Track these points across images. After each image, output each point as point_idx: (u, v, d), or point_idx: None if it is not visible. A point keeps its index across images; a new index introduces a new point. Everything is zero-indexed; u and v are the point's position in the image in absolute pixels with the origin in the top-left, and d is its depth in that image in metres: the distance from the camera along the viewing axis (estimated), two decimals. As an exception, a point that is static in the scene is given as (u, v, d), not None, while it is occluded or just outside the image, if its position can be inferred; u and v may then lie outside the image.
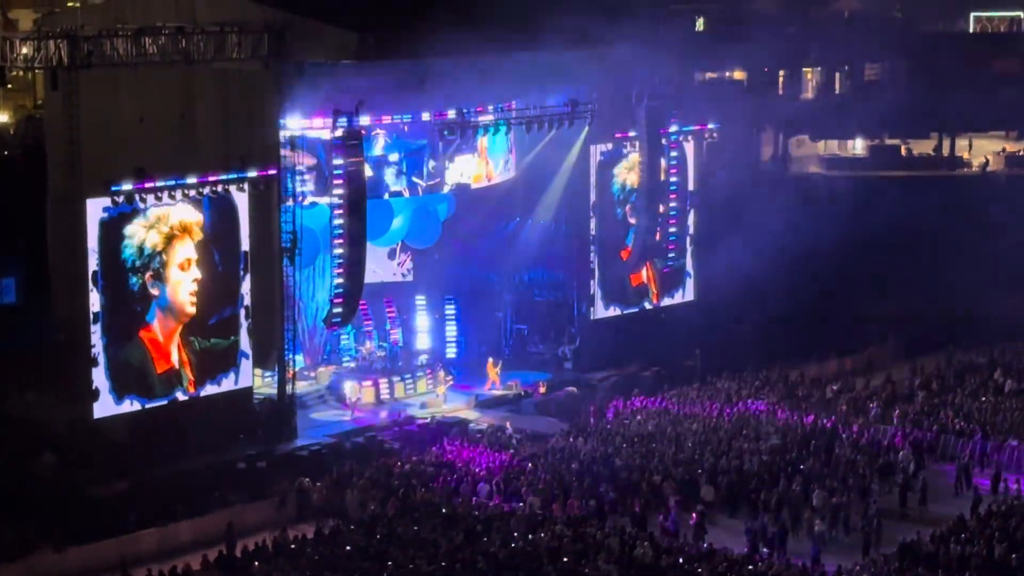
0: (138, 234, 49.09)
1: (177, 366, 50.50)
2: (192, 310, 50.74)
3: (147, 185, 48.38)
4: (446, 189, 59.50)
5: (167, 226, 49.84)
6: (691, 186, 66.27)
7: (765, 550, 42.83)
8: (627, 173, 63.53)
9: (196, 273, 50.75)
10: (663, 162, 63.49)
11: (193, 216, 50.50)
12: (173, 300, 50.30)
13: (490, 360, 60.62)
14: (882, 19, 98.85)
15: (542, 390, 59.40)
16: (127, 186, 47.90)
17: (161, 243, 49.82)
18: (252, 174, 51.41)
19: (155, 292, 49.79)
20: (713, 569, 40.29)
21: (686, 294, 66.79)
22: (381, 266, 62.02)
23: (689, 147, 65.93)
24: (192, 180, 49.63)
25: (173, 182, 49.11)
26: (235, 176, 51.00)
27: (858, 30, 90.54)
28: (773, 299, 62.73)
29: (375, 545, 41.87)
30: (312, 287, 58.02)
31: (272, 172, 52.02)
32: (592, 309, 63.62)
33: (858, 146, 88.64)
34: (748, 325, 63.48)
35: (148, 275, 49.52)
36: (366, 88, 52.65)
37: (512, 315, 64.65)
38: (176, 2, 53.15)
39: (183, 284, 50.51)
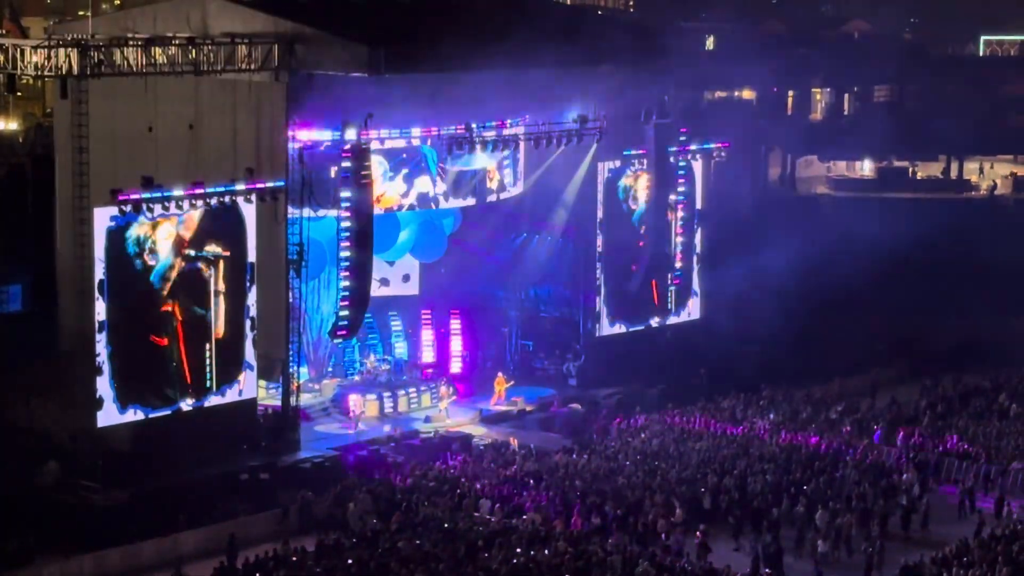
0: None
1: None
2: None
3: (155, 194, 48.40)
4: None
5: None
6: (699, 205, 66.23)
7: (767, 570, 42.74)
8: (635, 191, 63.57)
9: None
10: (670, 180, 63.50)
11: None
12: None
13: (500, 375, 60.54)
14: (892, 41, 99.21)
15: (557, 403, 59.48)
16: (135, 195, 47.86)
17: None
18: (260, 185, 51.39)
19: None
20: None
21: (692, 312, 66.70)
22: (387, 279, 62.03)
23: (697, 166, 65.89)
24: (199, 190, 49.58)
25: (180, 192, 49.05)
26: (243, 187, 51.00)
27: (868, 52, 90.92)
28: (778, 319, 62.62)
29: (377, 559, 41.78)
30: (318, 299, 57.91)
31: (280, 184, 52.01)
32: (597, 326, 63.57)
33: (866, 168, 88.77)
34: (753, 344, 63.35)
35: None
36: (376, 101, 52.64)
37: (517, 331, 64.59)
38: (187, 12, 53.15)
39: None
